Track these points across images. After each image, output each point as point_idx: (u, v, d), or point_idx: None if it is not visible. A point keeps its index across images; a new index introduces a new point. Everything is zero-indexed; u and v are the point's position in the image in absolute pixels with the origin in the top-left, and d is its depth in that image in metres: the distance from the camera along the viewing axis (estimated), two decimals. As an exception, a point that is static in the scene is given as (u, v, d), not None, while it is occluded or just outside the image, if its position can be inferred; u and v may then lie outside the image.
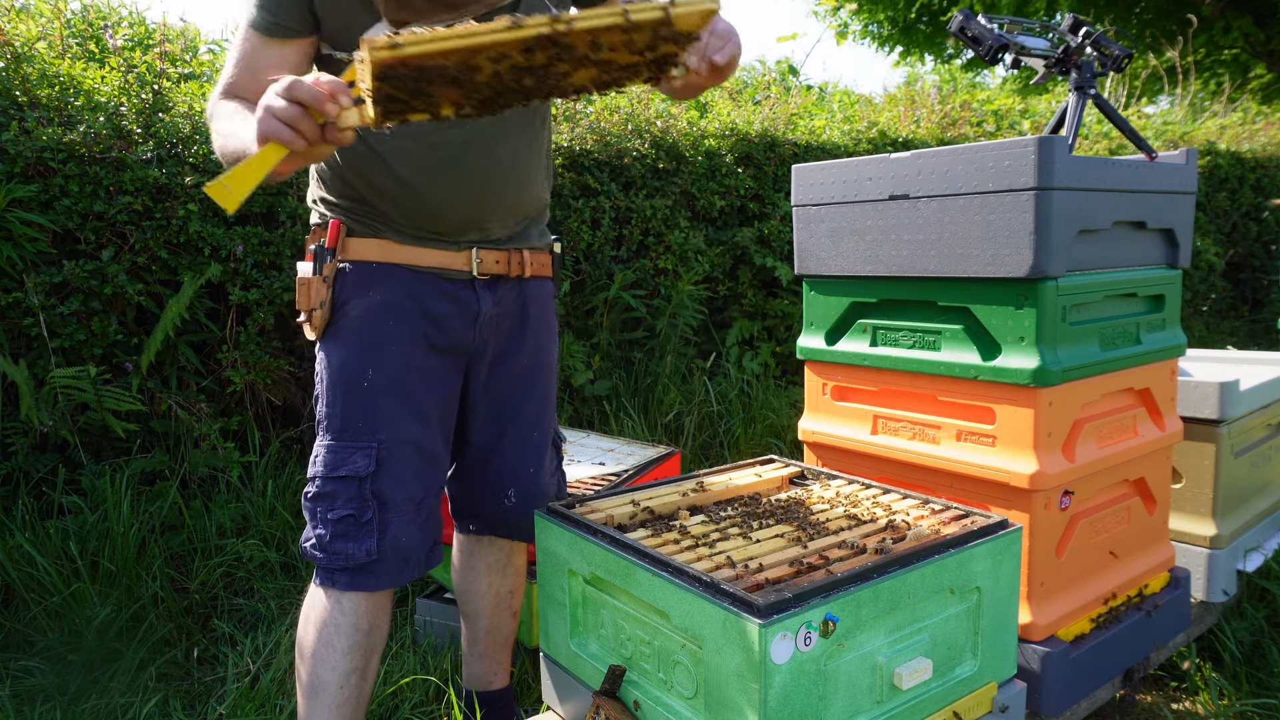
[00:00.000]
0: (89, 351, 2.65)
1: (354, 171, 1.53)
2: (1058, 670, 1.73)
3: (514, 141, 1.56)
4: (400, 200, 1.53)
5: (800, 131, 4.58)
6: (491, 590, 1.83)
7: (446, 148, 1.50)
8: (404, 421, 1.53)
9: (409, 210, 1.54)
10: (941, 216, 1.80)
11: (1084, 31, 2.21)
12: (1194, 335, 5.73)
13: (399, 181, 1.51)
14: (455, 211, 1.55)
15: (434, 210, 1.54)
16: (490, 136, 1.53)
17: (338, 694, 1.52)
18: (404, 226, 1.56)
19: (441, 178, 1.51)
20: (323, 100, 1.11)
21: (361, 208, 1.56)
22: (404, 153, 1.49)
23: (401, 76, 1.05)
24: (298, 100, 1.11)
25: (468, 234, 1.58)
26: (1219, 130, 6.83)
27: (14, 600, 2.38)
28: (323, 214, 1.60)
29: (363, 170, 1.52)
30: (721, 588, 1.24)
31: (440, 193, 1.52)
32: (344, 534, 1.50)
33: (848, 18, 12.87)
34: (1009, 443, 1.74)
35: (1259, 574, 2.39)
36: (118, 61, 2.87)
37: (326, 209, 1.60)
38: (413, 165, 1.50)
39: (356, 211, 1.57)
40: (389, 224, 1.56)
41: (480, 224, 1.58)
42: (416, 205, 1.53)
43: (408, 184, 1.51)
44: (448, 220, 1.55)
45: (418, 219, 1.55)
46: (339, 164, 1.55)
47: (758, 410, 3.79)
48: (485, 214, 1.57)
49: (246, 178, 1.13)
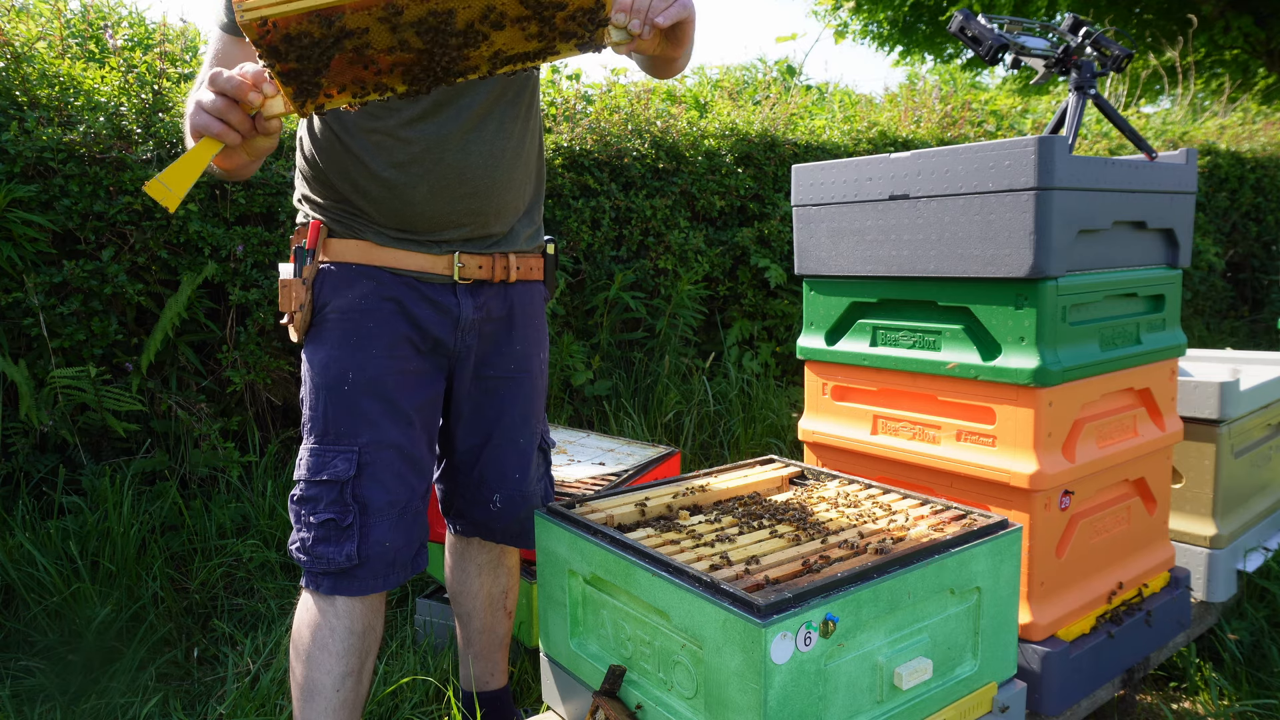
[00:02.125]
0: (89, 351, 2.65)
1: (334, 170, 1.53)
2: (1058, 670, 1.73)
3: (490, 140, 1.54)
4: (378, 198, 1.52)
5: (800, 131, 4.58)
6: (484, 591, 1.82)
7: (420, 144, 1.49)
8: (386, 425, 1.52)
9: (387, 208, 1.53)
10: (941, 216, 1.80)
11: (1084, 31, 2.21)
12: (1194, 335, 5.73)
13: (375, 178, 1.50)
14: (431, 209, 1.53)
15: (411, 208, 1.53)
16: (465, 134, 1.51)
17: (334, 697, 1.52)
18: (384, 227, 1.55)
19: (417, 175, 1.50)
20: (245, 89, 1.10)
21: (342, 208, 1.56)
22: (380, 149, 1.49)
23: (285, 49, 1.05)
24: (222, 92, 1.10)
25: (447, 233, 1.57)
26: (1219, 130, 6.83)
27: (14, 600, 2.38)
28: (306, 214, 1.59)
29: (342, 168, 1.52)
30: (721, 588, 1.24)
31: (416, 191, 1.51)
32: (325, 538, 1.49)
33: (847, 17, 12.88)
34: (1009, 443, 1.74)
35: (1259, 574, 2.39)
36: (118, 61, 2.87)
37: (309, 209, 1.59)
38: (387, 161, 1.49)
39: (337, 212, 1.56)
40: (369, 224, 1.55)
41: (458, 223, 1.56)
42: (394, 202, 1.52)
43: (384, 180, 1.50)
44: (425, 219, 1.54)
45: (396, 218, 1.54)
46: (319, 164, 1.54)
47: (758, 410, 3.79)
48: (462, 214, 1.56)
49: (183, 175, 1.11)
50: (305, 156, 1.58)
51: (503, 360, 1.68)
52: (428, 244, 1.56)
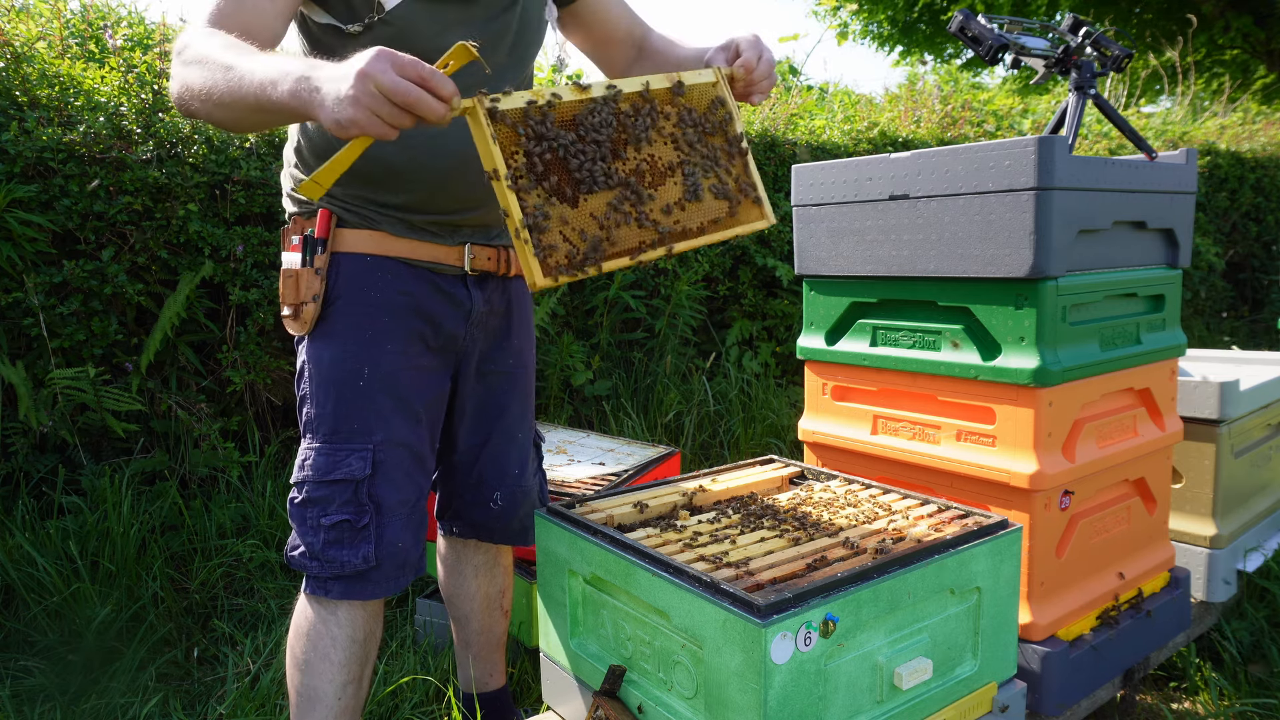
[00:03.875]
0: (89, 352, 2.65)
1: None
2: (1058, 670, 1.73)
3: None
4: (403, 171, 1.46)
5: (800, 131, 4.57)
6: (481, 593, 1.81)
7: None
8: (398, 423, 1.49)
9: (411, 182, 1.47)
10: (941, 216, 1.80)
11: (1084, 31, 2.21)
12: (1194, 335, 5.73)
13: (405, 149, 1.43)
14: (458, 184, 1.49)
15: (438, 183, 1.47)
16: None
17: (335, 705, 1.50)
18: (401, 211, 1.50)
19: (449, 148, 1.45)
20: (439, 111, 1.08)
21: (354, 197, 1.49)
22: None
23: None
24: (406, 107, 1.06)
25: (464, 214, 1.54)
26: (1219, 130, 6.83)
27: (14, 600, 2.38)
28: (305, 201, 1.51)
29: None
30: (721, 588, 1.24)
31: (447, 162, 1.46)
32: (338, 540, 1.44)
33: (848, 18, 12.88)
34: (1009, 443, 1.74)
35: (1259, 574, 2.39)
36: (118, 61, 2.87)
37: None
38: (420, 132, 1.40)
39: (348, 200, 1.50)
40: (384, 213, 1.50)
41: (477, 203, 1.54)
42: (421, 174, 1.46)
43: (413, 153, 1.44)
44: (450, 195, 1.49)
45: (418, 194, 1.48)
46: (331, 149, 1.46)
47: (758, 410, 3.79)
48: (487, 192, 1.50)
49: (334, 172, 1.16)
50: (312, 143, 1.50)
51: (503, 356, 1.68)
52: (442, 233, 1.54)
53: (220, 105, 1.20)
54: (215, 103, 1.20)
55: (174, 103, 1.28)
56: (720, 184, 1.43)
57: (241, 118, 1.22)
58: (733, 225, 1.44)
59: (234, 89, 1.17)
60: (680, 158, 1.39)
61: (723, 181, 1.43)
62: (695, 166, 1.40)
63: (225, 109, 1.20)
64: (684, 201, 1.38)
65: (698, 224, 1.39)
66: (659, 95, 1.38)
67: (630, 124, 1.33)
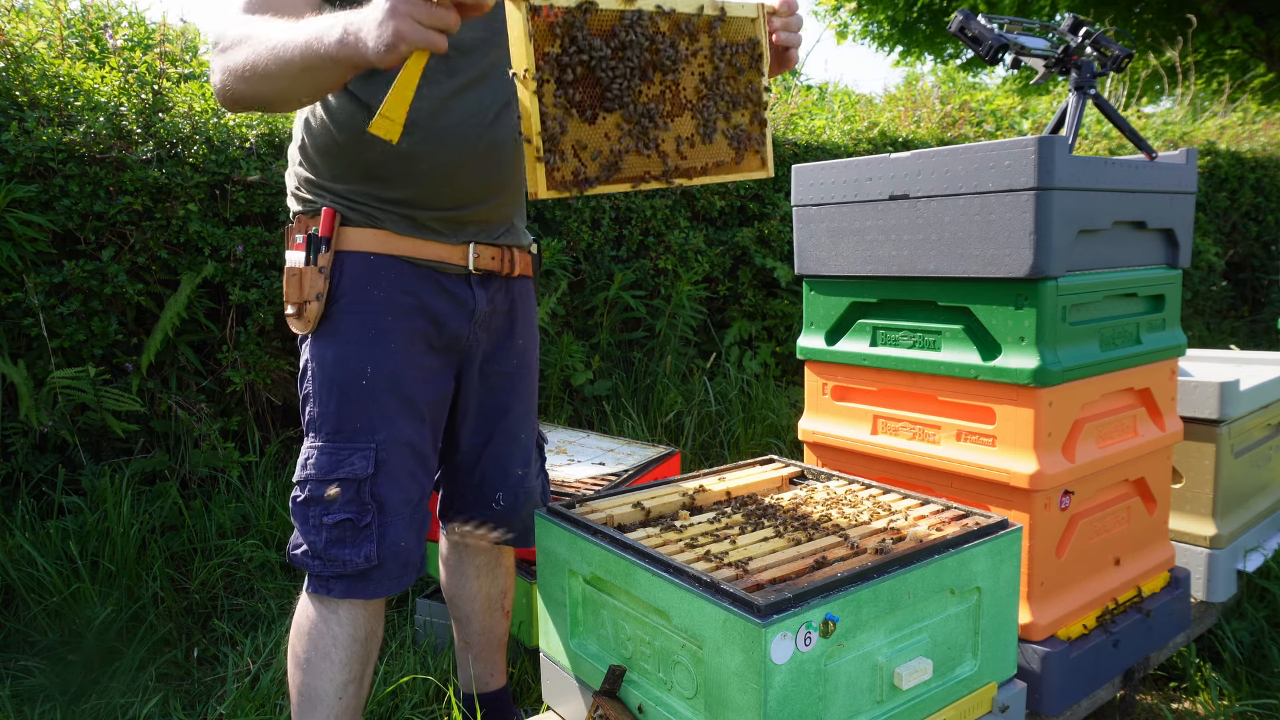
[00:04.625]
0: (89, 352, 2.65)
1: (360, 145, 1.44)
2: (1058, 670, 1.73)
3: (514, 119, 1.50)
4: (408, 164, 1.45)
5: (800, 131, 4.57)
6: (482, 593, 1.81)
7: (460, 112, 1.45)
8: (401, 422, 1.49)
9: (417, 176, 1.46)
10: (941, 216, 1.80)
11: (1084, 31, 2.21)
12: (1194, 335, 5.73)
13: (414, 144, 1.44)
14: (465, 178, 1.49)
15: (445, 175, 1.47)
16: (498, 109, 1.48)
17: (336, 704, 1.50)
18: (406, 207, 1.49)
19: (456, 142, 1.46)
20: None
21: (358, 193, 1.49)
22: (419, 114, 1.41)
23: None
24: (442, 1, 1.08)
25: (469, 209, 1.53)
26: (1219, 130, 6.82)
27: (14, 600, 2.38)
28: (309, 200, 1.52)
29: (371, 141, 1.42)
30: (721, 588, 1.24)
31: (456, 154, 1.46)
32: (340, 539, 1.45)
33: (847, 17, 12.88)
34: (1009, 443, 1.74)
35: (1259, 574, 2.39)
36: (118, 61, 2.87)
37: (315, 194, 1.51)
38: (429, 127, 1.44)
39: (353, 198, 1.49)
40: (387, 210, 1.49)
41: (483, 198, 1.54)
42: (425, 168, 1.46)
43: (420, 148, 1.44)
44: (457, 189, 1.49)
45: (424, 189, 1.48)
46: (340, 143, 1.46)
47: (758, 410, 3.79)
48: (489, 187, 1.53)
49: (400, 100, 1.12)
50: (316, 140, 1.50)
51: (506, 356, 1.68)
52: (446, 231, 1.54)
53: (267, 77, 1.22)
54: (261, 74, 1.22)
55: (216, 94, 1.32)
56: (733, 129, 1.43)
57: (287, 88, 1.23)
58: (734, 171, 1.45)
59: (279, 56, 1.20)
60: (701, 94, 1.38)
61: (736, 126, 1.43)
62: (714, 106, 1.40)
63: (271, 80, 1.22)
64: (695, 139, 1.38)
65: (702, 164, 1.40)
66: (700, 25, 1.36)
67: (663, 48, 1.32)
